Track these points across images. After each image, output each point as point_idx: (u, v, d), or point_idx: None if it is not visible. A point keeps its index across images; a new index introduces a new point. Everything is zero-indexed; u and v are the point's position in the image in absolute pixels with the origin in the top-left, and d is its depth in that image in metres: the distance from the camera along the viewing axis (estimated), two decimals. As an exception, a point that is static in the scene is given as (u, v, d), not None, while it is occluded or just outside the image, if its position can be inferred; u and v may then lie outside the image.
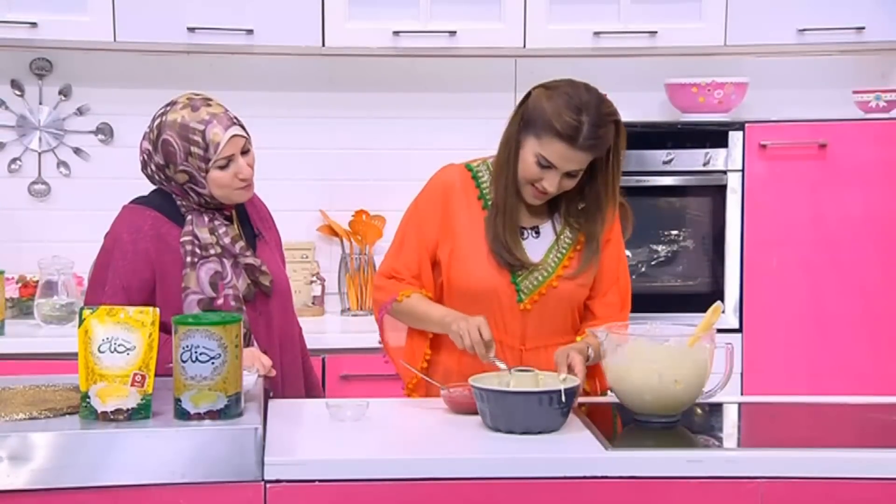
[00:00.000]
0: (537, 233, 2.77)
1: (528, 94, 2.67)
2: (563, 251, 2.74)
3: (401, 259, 2.79)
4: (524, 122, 2.64)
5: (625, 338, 2.51)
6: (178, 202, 2.74)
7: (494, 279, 2.71)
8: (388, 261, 2.82)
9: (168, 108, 2.72)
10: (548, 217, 2.77)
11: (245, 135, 2.73)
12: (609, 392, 2.67)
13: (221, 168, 2.68)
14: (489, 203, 2.74)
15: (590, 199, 2.72)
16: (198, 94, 2.75)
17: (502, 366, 2.56)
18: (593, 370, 2.72)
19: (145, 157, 2.73)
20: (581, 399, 2.63)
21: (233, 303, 2.69)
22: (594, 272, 2.75)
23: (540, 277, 2.72)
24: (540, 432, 2.35)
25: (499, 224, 2.69)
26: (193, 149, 2.66)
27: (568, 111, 2.57)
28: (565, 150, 2.58)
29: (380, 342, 2.86)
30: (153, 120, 2.72)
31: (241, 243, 2.76)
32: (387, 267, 2.82)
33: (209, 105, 2.71)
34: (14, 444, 2.11)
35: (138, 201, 2.77)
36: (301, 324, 2.97)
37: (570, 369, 2.57)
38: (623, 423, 2.55)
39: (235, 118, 2.73)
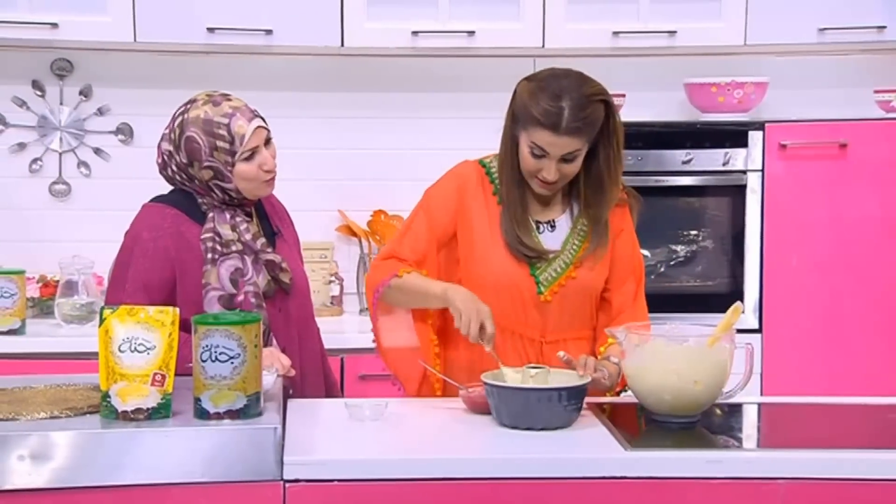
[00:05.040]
0: (552, 227, 2.77)
1: (515, 90, 2.69)
2: (579, 241, 2.74)
3: (404, 243, 2.75)
4: (514, 117, 2.67)
5: (644, 338, 2.50)
6: (199, 200, 2.74)
7: (514, 272, 2.71)
8: (389, 245, 2.80)
9: (188, 105, 2.73)
10: (563, 211, 2.78)
11: (267, 126, 2.74)
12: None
13: (247, 160, 2.69)
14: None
15: (593, 182, 2.72)
16: (216, 91, 2.76)
17: (499, 361, 2.55)
18: None
19: (165, 157, 2.74)
20: (601, 399, 2.63)
21: (253, 299, 2.70)
22: (603, 255, 2.74)
23: (558, 269, 2.72)
24: (542, 428, 2.35)
25: (509, 219, 2.70)
26: (219, 143, 2.66)
27: (547, 99, 2.58)
28: (550, 136, 2.59)
29: (373, 339, 2.80)
30: (173, 120, 2.73)
31: (262, 240, 2.76)
32: (386, 250, 2.78)
33: (229, 99, 2.73)
34: (35, 443, 2.11)
35: (158, 199, 2.78)
36: (319, 324, 2.96)
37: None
38: (642, 424, 2.54)
39: (256, 111, 2.75)
